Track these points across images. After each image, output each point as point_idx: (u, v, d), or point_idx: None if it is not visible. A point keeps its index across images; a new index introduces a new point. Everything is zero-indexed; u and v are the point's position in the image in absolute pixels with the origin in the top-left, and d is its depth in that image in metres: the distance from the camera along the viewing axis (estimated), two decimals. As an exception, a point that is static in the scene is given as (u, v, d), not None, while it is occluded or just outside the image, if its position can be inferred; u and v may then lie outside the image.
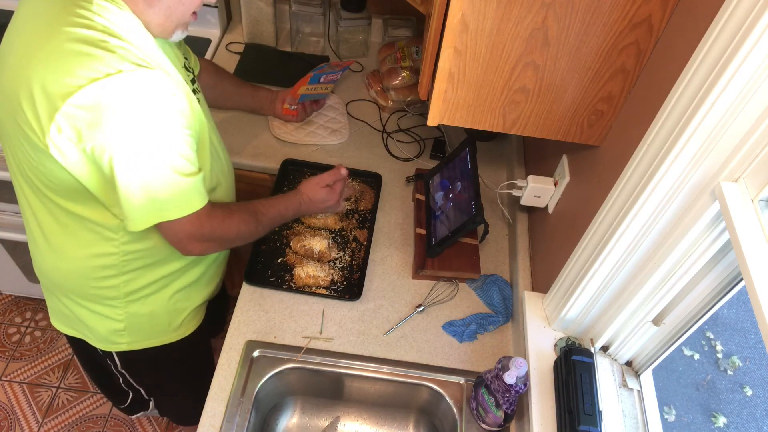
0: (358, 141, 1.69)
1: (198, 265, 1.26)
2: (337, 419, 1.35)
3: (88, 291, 1.17)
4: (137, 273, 1.15)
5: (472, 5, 0.89)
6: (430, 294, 1.38)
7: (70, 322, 1.27)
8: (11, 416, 2.04)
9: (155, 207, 0.98)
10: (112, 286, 1.15)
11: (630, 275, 1.02)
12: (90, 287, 1.16)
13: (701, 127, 0.76)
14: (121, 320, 1.21)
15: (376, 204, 1.51)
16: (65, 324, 1.29)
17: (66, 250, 1.11)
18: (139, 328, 1.25)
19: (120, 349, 1.29)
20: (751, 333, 2.82)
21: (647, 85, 0.95)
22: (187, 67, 1.15)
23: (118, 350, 1.29)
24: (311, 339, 1.27)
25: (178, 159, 0.96)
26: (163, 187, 0.96)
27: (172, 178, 0.96)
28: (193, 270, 1.25)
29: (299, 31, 1.89)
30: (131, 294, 1.18)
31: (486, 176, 1.60)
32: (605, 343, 1.17)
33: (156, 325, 1.27)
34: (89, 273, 1.13)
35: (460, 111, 1.06)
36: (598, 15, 0.90)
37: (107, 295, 1.17)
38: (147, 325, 1.25)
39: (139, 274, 1.16)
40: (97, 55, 0.85)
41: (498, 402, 1.10)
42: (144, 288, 1.18)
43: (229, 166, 1.29)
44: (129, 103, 0.87)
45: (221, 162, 1.22)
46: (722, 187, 0.78)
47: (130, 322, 1.22)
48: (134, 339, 1.27)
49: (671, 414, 2.55)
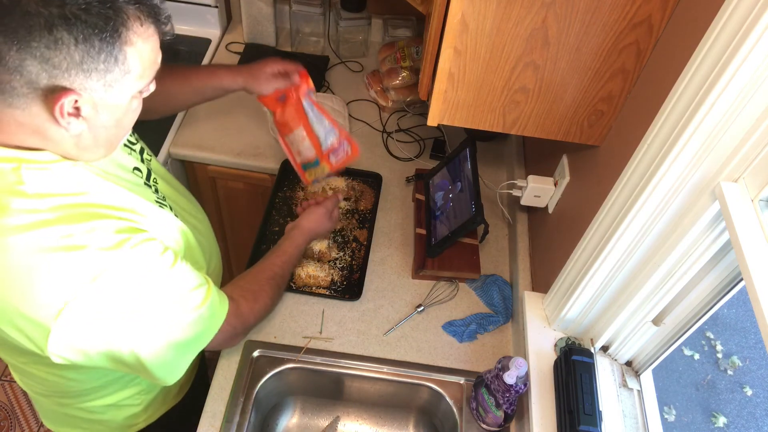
0: (358, 141, 1.68)
1: None
2: (337, 419, 1.35)
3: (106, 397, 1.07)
4: None
5: (472, 5, 0.89)
6: (430, 294, 1.38)
7: (80, 423, 1.13)
8: (11, 416, 2.04)
9: (186, 351, 0.92)
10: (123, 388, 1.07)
11: (630, 275, 1.02)
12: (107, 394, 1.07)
13: (701, 127, 0.76)
14: (137, 405, 1.13)
15: (376, 204, 1.51)
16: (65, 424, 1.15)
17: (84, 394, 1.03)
18: (153, 403, 1.17)
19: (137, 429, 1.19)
20: (751, 333, 2.82)
21: (647, 85, 0.95)
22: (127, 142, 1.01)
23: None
24: (311, 339, 1.27)
25: (190, 296, 0.90)
26: (189, 331, 0.90)
27: (194, 316, 0.90)
28: None
29: (299, 31, 1.89)
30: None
31: (486, 176, 1.60)
32: (605, 343, 1.17)
33: (167, 392, 1.20)
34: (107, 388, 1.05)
35: (460, 111, 1.06)
36: (598, 15, 0.90)
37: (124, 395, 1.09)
38: (159, 395, 1.17)
39: None
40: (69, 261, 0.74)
41: (498, 402, 1.10)
42: None
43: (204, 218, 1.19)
44: (126, 294, 0.79)
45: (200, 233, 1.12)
46: (722, 187, 0.78)
47: (147, 400, 1.14)
48: (149, 414, 1.18)
49: (671, 414, 2.55)
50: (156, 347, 0.86)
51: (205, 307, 0.92)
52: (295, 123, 1.37)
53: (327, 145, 1.37)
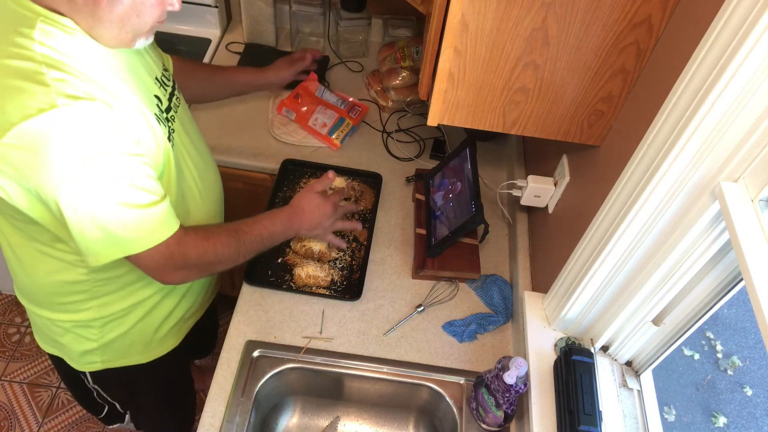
0: (358, 141, 1.69)
1: (175, 290, 1.21)
2: (337, 419, 1.35)
3: (62, 312, 1.13)
4: (111, 297, 1.11)
5: (472, 5, 0.89)
6: (430, 294, 1.38)
7: (48, 339, 1.24)
8: (11, 416, 2.04)
9: (113, 242, 0.92)
10: (86, 309, 1.12)
11: (630, 275, 1.02)
12: (63, 309, 1.13)
13: (701, 127, 0.76)
14: (95, 340, 1.18)
15: (376, 204, 1.51)
16: (44, 341, 1.26)
17: (36, 272, 1.07)
18: (112, 349, 1.21)
19: (93, 369, 1.26)
20: (751, 333, 2.82)
21: (647, 85, 0.95)
22: (162, 80, 1.08)
23: (91, 370, 1.26)
24: (311, 339, 1.27)
25: (131, 191, 0.90)
26: (118, 222, 0.90)
27: (127, 213, 0.90)
28: (170, 294, 1.21)
29: (299, 31, 1.89)
30: (105, 317, 1.14)
31: (486, 176, 1.60)
32: (605, 343, 1.17)
33: (130, 346, 1.23)
34: (61, 297, 1.10)
35: (460, 111, 1.06)
36: (598, 15, 0.90)
37: (81, 318, 1.14)
38: (121, 345, 1.22)
39: (113, 298, 1.12)
40: (30, 89, 0.79)
41: (498, 402, 1.10)
42: (118, 312, 1.15)
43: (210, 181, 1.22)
44: (66, 139, 0.81)
45: (195, 182, 1.14)
46: (722, 187, 0.78)
47: (103, 343, 1.19)
48: (108, 359, 1.23)
49: (671, 414, 2.55)
50: (81, 215, 0.87)
51: (143, 212, 0.91)
52: (314, 106, 1.68)
53: (344, 108, 1.70)
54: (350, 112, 1.69)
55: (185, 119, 1.15)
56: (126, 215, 0.90)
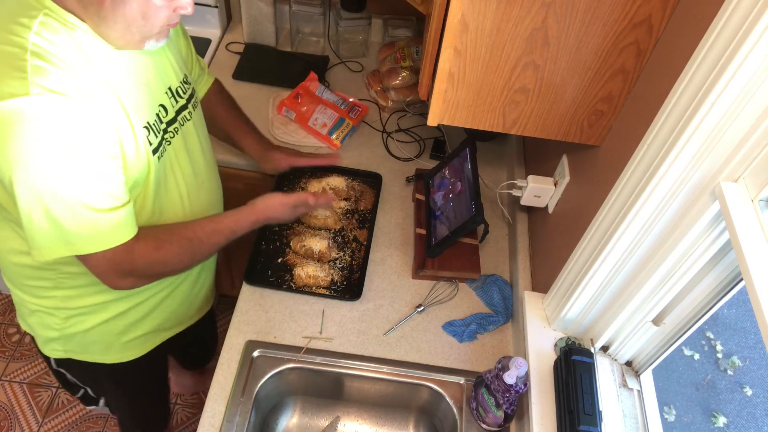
0: (358, 141, 1.69)
1: (140, 296, 1.17)
2: (337, 419, 1.35)
3: (28, 294, 1.13)
4: (75, 292, 1.10)
5: (472, 5, 0.89)
6: (430, 294, 1.38)
7: (22, 316, 1.23)
8: (11, 416, 2.04)
9: (61, 239, 0.90)
10: (49, 297, 1.11)
11: (630, 275, 1.02)
12: (29, 292, 1.12)
13: (701, 127, 0.76)
14: (57, 329, 1.17)
15: (376, 204, 1.51)
16: (20, 316, 1.24)
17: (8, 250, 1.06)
18: (74, 341, 1.20)
19: (56, 356, 1.25)
20: (751, 333, 2.82)
21: (647, 85, 0.95)
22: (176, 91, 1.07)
23: (54, 357, 1.25)
24: (311, 339, 1.27)
25: (92, 194, 0.88)
26: (71, 220, 0.88)
27: (83, 213, 0.88)
28: (140, 305, 1.19)
29: (299, 31, 1.89)
30: (68, 309, 1.13)
31: (486, 176, 1.60)
32: (605, 343, 1.17)
33: (91, 344, 1.22)
34: (27, 280, 1.10)
35: (460, 111, 1.06)
36: (598, 15, 0.90)
37: (45, 305, 1.13)
38: (82, 341, 1.21)
39: (77, 293, 1.10)
40: (8, 74, 0.80)
41: (498, 402, 1.10)
42: (81, 308, 1.13)
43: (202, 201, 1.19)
44: (31, 128, 0.80)
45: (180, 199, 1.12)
46: (722, 187, 0.78)
47: (65, 334, 1.18)
48: (69, 349, 1.22)
49: (671, 414, 2.55)
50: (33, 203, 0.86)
51: (100, 216, 0.90)
52: (314, 105, 1.68)
53: (344, 108, 1.69)
54: (350, 112, 1.70)
55: (192, 136, 1.13)
56: (82, 215, 0.88)
